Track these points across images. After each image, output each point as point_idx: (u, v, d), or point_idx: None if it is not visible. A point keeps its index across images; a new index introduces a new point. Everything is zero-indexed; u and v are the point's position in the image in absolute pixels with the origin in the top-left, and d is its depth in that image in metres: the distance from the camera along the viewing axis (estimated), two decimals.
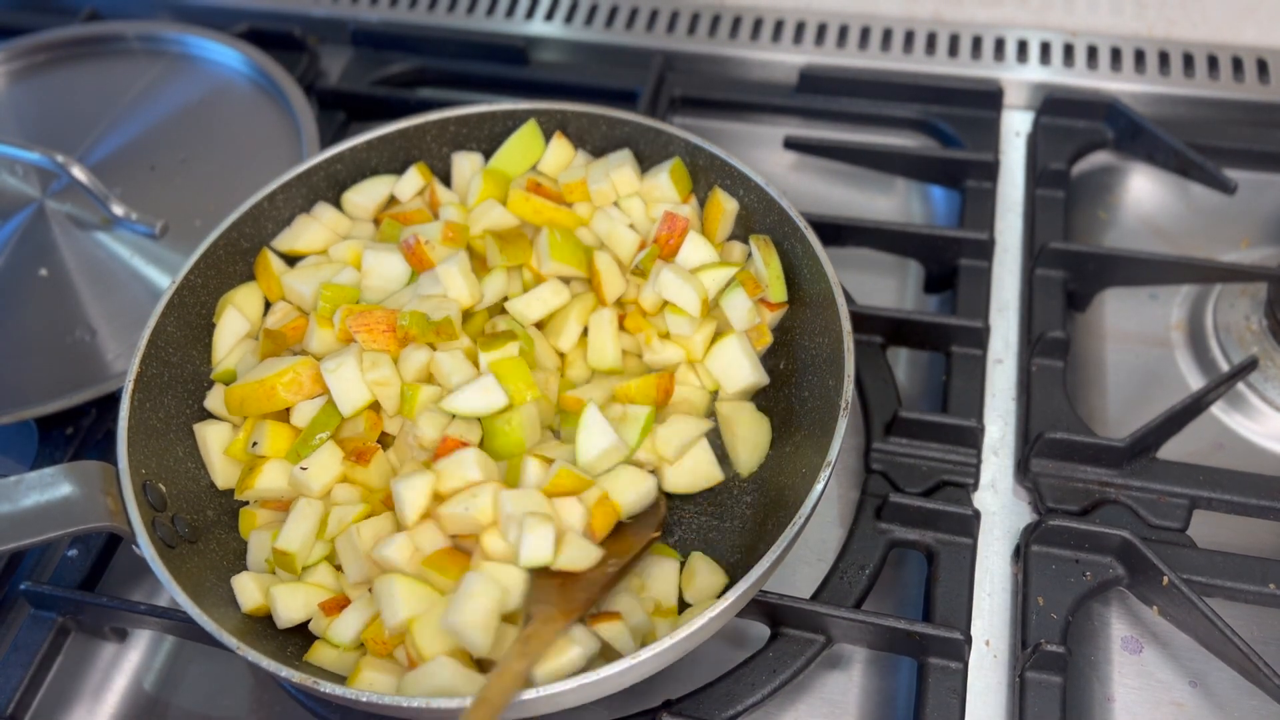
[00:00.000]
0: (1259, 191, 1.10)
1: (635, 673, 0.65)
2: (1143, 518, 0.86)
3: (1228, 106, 1.13)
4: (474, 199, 0.93)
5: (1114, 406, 0.97)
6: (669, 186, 0.90)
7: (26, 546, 0.73)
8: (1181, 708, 0.80)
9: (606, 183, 0.90)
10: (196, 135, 1.13)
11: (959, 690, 0.78)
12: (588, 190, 0.91)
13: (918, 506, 0.85)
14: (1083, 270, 1.01)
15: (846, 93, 1.18)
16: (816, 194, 1.15)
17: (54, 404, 0.92)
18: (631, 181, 0.91)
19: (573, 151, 0.95)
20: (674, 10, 1.26)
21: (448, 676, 0.67)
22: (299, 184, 0.91)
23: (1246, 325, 0.99)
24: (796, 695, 0.82)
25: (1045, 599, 0.82)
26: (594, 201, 0.92)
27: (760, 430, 0.86)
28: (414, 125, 0.94)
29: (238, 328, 0.87)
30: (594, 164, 0.93)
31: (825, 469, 0.71)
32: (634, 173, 0.91)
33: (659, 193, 0.90)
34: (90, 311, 1.00)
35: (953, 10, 1.23)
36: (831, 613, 0.79)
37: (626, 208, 0.92)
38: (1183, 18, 1.19)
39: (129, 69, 1.21)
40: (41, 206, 1.08)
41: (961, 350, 0.96)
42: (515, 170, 0.95)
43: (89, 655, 0.89)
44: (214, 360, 0.87)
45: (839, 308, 0.79)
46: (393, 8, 1.29)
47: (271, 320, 0.87)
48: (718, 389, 0.87)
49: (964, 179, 1.08)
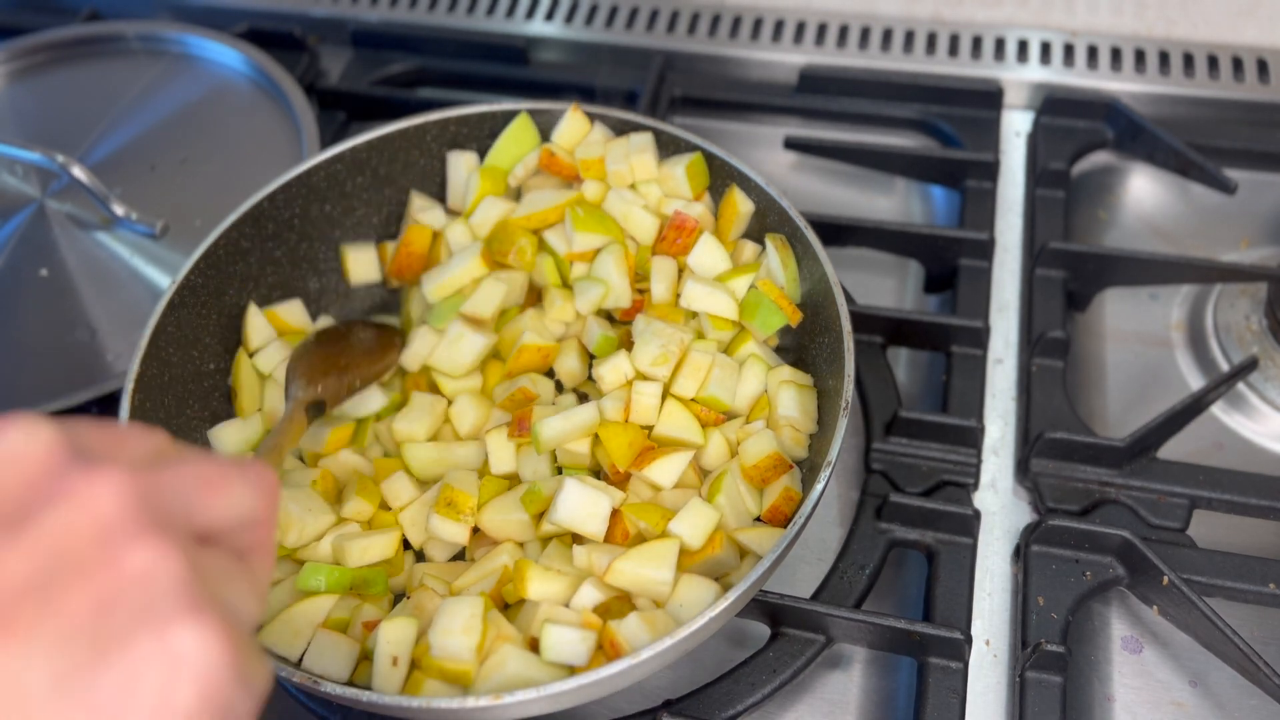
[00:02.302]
0: (1259, 191, 1.10)
1: (635, 673, 0.65)
2: (1143, 518, 0.86)
3: (1228, 106, 1.13)
4: (471, 198, 0.93)
5: (1114, 406, 0.97)
6: (683, 180, 0.89)
7: None
8: (1181, 708, 0.80)
9: (625, 165, 0.89)
10: (196, 135, 1.13)
11: (959, 690, 0.78)
12: (604, 169, 0.90)
13: (918, 506, 0.85)
14: (1083, 270, 1.01)
15: (846, 93, 1.18)
16: (816, 194, 1.15)
17: (54, 404, 0.92)
18: (650, 167, 0.90)
19: (589, 125, 0.93)
20: (674, 10, 1.26)
21: (517, 667, 0.68)
22: (299, 184, 0.91)
23: (1246, 325, 0.99)
24: (796, 695, 0.82)
25: (1045, 599, 0.82)
26: (610, 182, 0.91)
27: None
28: (414, 125, 0.94)
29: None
30: (614, 142, 0.92)
31: (825, 469, 0.71)
32: (654, 158, 0.90)
33: (672, 184, 0.90)
34: (90, 311, 1.00)
35: (953, 10, 1.23)
36: (831, 613, 0.79)
37: (644, 192, 0.90)
38: (1183, 18, 1.19)
39: (129, 69, 1.21)
40: (41, 206, 1.08)
41: (961, 350, 0.96)
42: (511, 164, 0.94)
43: None
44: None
45: (839, 308, 0.79)
46: (393, 8, 1.29)
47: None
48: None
49: (964, 179, 1.08)
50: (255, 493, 0.47)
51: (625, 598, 0.73)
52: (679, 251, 0.88)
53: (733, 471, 0.78)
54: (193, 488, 0.44)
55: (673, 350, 0.81)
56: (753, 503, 0.78)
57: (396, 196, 0.98)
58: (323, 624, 0.74)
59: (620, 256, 0.88)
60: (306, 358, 0.86)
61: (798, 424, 0.79)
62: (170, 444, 0.47)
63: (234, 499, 0.46)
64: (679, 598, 0.71)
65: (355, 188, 0.95)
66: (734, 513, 0.76)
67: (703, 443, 0.80)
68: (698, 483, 0.80)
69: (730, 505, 0.76)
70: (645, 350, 0.81)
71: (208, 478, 0.45)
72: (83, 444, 0.42)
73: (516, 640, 0.70)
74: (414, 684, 0.70)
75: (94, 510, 0.39)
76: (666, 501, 0.78)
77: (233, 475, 0.46)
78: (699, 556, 0.73)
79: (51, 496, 0.39)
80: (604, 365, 0.82)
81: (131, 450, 0.44)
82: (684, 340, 0.82)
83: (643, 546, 0.73)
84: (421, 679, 0.69)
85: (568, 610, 0.72)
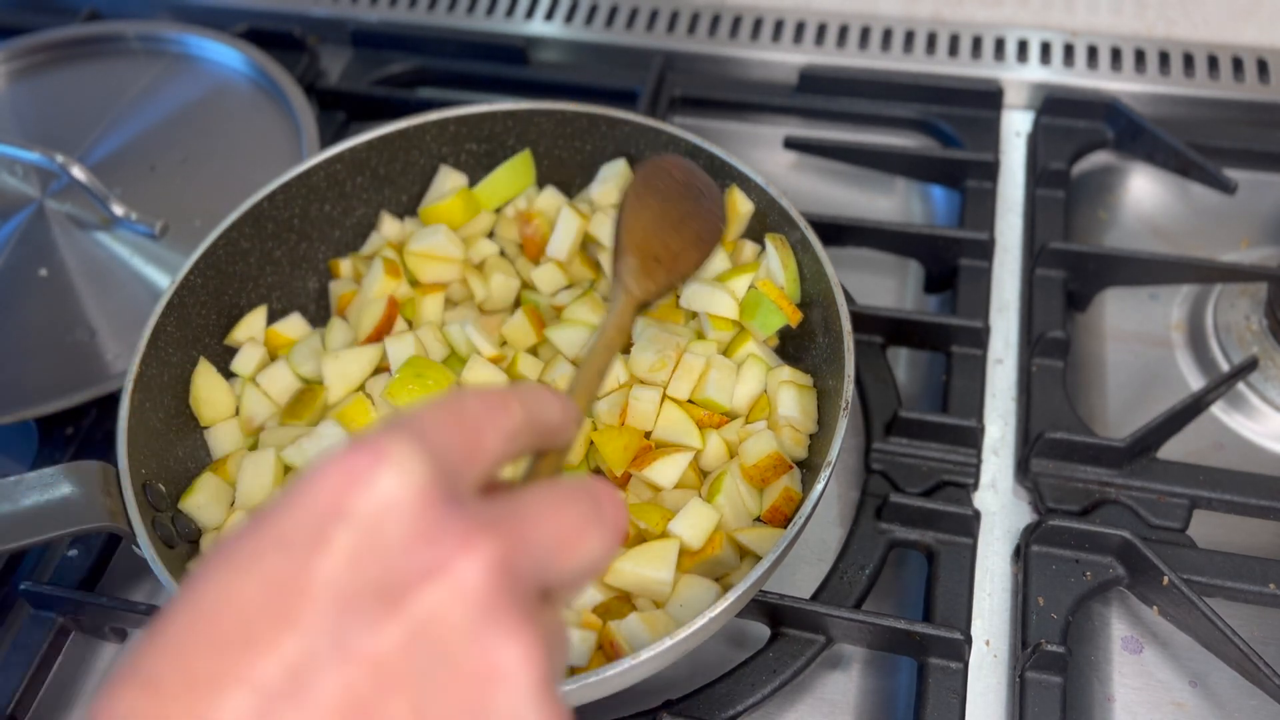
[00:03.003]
0: (1259, 191, 1.10)
1: (635, 673, 0.65)
2: (1143, 518, 0.86)
3: (1228, 106, 1.13)
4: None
5: (1114, 406, 0.97)
6: None
7: (26, 546, 0.73)
8: (1181, 708, 0.80)
9: (605, 188, 0.92)
10: (196, 135, 1.13)
11: (959, 690, 0.78)
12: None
13: (918, 506, 0.85)
14: (1083, 270, 1.01)
15: (846, 93, 1.18)
16: (816, 194, 1.15)
17: (54, 404, 0.92)
18: (625, 179, 0.91)
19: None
20: (674, 10, 1.26)
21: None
22: (299, 184, 0.91)
23: (1246, 325, 0.99)
24: (796, 695, 0.82)
25: (1045, 599, 0.82)
26: (596, 204, 0.93)
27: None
28: (414, 125, 0.94)
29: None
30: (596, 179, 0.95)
31: (825, 469, 0.71)
32: (628, 170, 0.91)
33: None
34: (90, 311, 1.00)
35: (953, 10, 1.23)
36: (831, 613, 0.79)
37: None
38: (1183, 18, 1.19)
39: (129, 69, 1.21)
40: (41, 206, 1.08)
41: (961, 350, 0.96)
42: (495, 201, 0.96)
43: (89, 655, 0.89)
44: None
45: (839, 308, 0.79)
46: (393, 8, 1.29)
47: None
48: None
49: (964, 179, 1.08)
50: (609, 544, 0.42)
51: (625, 598, 0.73)
52: None
53: (732, 472, 0.78)
54: (553, 547, 0.40)
55: (670, 355, 0.81)
56: (752, 503, 0.78)
57: (396, 196, 0.98)
58: None
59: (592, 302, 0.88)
60: (641, 222, 0.68)
61: (798, 424, 0.79)
62: (523, 423, 0.43)
63: (587, 555, 0.41)
64: (679, 598, 0.71)
65: (355, 188, 0.95)
66: (734, 513, 0.76)
67: (700, 445, 0.80)
68: (697, 483, 0.79)
69: (730, 505, 0.76)
70: (643, 356, 0.81)
71: (567, 533, 0.40)
72: (451, 480, 0.38)
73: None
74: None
75: (464, 589, 0.35)
76: (666, 502, 0.78)
77: (591, 525, 0.41)
78: (699, 557, 0.73)
79: (427, 570, 0.35)
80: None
81: (496, 455, 0.41)
82: (680, 344, 0.82)
83: (642, 547, 0.73)
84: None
85: (567, 611, 0.72)
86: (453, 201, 0.93)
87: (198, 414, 0.85)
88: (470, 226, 0.95)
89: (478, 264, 0.94)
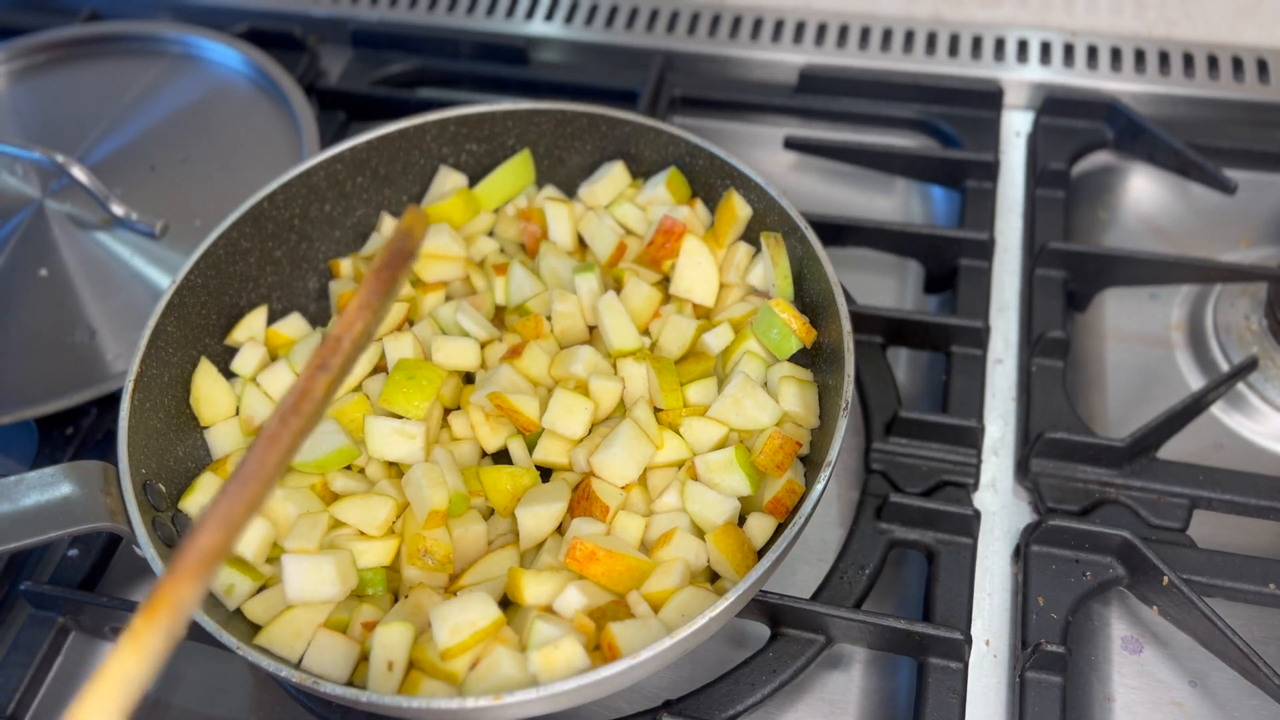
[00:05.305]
0: (1259, 191, 1.10)
1: (634, 673, 0.65)
2: (1143, 518, 0.86)
3: (1228, 106, 1.13)
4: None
5: (1114, 406, 0.97)
6: (667, 197, 0.91)
7: (27, 546, 0.73)
8: (1181, 708, 0.80)
9: (591, 188, 0.93)
10: (196, 135, 1.13)
11: (959, 690, 0.78)
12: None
13: (918, 506, 0.85)
14: (1083, 270, 1.01)
15: (846, 93, 1.18)
16: (816, 194, 1.15)
17: (54, 404, 0.92)
18: (617, 182, 0.93)
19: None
20: (674, 10, 1.26)
21: (511, 669, 0.68)
22: (299, 184, 0.91)
23: (1246, 325, 0.99)
24: (796, 695, 0.82)
25: (1045, 599, 0.82)
26: (585, 204, 0.94)
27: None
28: (414, 125, 0.94)
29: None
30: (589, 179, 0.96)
31: (825, 469, 0.71)
32: (623, 173, 0.93)
33: (659, 204, 0.92)
34: (90, 311, 1.00)
35: (953, 10, 1.23)
36: (831, 613, 0.79)
37: (618, 213, 0.92)
38: (1183, 18, 1.19)
39: (129, 69, 1.21)
40: (41, 206, 1.08)
41: (961, 350, 0.96)
42: (495, 201, 0.96)
43: (89, 655, 0.89)
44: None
45: (839, 308, 0.79)
46: (393, 8, 1.29)
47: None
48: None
49: (964, 179, 1.08)
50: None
51: (620, 602, 0.73)
52: (669, 255, 0.88)
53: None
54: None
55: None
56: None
57: (396, 196, 0.98)
58: (323, 624, 0.74)
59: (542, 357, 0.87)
60: None
61: (800, 418, 0.80)
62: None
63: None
64: (678, 600, 0.71)
65: (355, 188, 0.95)
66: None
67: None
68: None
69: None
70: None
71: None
72: None
73: (511, 643, 0.70)
74: (412, 684, 0.70)
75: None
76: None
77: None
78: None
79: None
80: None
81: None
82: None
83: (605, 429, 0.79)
84: (419, 679, 0.69)
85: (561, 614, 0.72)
86: (453, 201, 0.93)
87: (198, 414, 0.85)
88: (470, 225, 0.95)
89: (478, 261, 0.94)
